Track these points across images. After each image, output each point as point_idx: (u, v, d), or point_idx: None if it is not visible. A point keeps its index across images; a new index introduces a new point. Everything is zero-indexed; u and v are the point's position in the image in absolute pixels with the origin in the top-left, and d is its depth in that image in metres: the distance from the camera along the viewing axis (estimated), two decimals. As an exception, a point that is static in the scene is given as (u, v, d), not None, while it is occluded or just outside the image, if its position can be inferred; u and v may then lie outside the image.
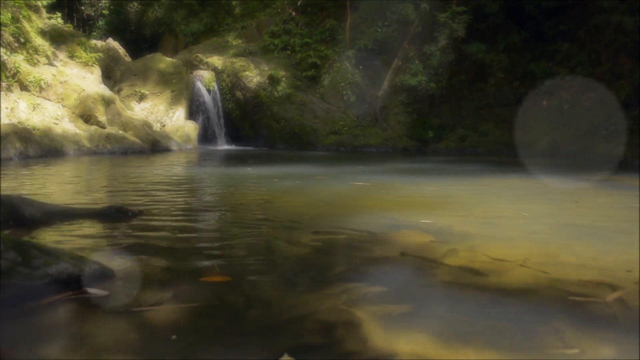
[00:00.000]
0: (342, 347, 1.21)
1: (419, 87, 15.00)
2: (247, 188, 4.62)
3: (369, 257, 2.06)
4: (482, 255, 2.09)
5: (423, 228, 2.68)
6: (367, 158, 10.25)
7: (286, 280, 1.72)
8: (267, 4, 18.14)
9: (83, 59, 12.26)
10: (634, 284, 1.74)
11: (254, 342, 1.23)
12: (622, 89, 12.22)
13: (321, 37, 16.41)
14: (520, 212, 3.29)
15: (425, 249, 2.22)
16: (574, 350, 1.22)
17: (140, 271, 1.79)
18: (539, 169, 7.64)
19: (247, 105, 14.55)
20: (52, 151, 9.09)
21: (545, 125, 13.25)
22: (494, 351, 1.21)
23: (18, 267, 1.40)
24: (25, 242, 1.55)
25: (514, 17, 14.70)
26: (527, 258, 2.06)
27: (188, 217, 3.00)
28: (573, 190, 4.83)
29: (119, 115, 11.38)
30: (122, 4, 25.58)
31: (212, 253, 2.10)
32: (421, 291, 1.65)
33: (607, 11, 12.86)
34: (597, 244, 2.40)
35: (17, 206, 2.54)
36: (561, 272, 1.89)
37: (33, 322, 1.32)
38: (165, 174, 5.97)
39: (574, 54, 13.66)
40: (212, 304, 1.49)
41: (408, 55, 15.68)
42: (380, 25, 16.03)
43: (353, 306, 1.48)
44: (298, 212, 3.20)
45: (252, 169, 6.91)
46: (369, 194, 4.23)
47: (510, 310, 1.49)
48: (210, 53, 15.80)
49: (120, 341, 1.21)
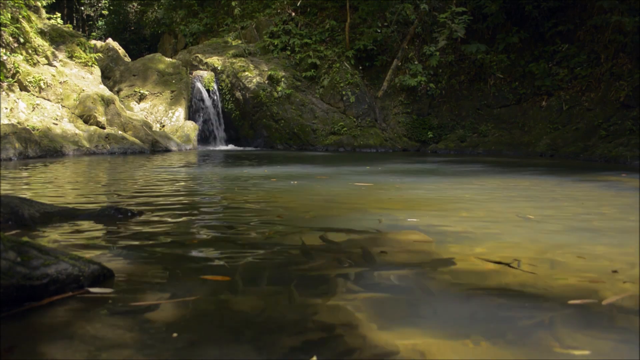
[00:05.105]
0: (342, 346, 1.21)
1: (418, 87, 15.02)
2: (246, 188, 4.62)
3: (368, 256, 2.06)
4: (481, 255, 2.10)
5: (422, 228, 2.68)
6: (366, 158, 10.26)
7: (286, 280, 1.72)
8: (266, 4, 18.14)
9: (82, 59, 12.25)
10: (634, 284, 1.74)
11: (254, 342, 1.23)
12: (622, 89, 12.23)
13: (321, 38, 16.41)
14: (520, 212, 3.29)
15: (425, 249, 2.22)
16: (580, 352, 1.21)
17: (140, 271, 1.79)
18: (538, 170, 7.64)
19: (246, 106, 14.55)
20: (51, 151, 9.09)
21: (545, 125, 13.26)
22: (493, 351, 1.21)
23: (17, 267, 1.40)
24: (24, 242, 1.55)
25: (514, 17, 14.70)
26: (527, 258, 2.06)
27: (188, 217, 3.00)
28: (573, 191, 4.83)
29: (119, 116, 11.38)
30: (122, 4, 25.60)
31: (212, 253, 2.10)
32: (421, 291, 1.65)
33: (606, 11, 12.88)
34: (597, 244, 2.39)
35: (16, 206, 2.53)
36: (561, 272, 1.89)
37: (33, 322, 1.31)
38: (164, 174, 5.96)
39: (574, 54, 13.67)
40: (212, 303, 1.49)
41: (407, 55, 15.68)
42: (380, 25, 16.03)
43: (352, 306, 1.48)
44: (298, 212, 3.20)
45: (252, 169, 6.91)
46: (369, 194, 4.23)
47: (510, 310, 1.48)
48: (210, 53, 15.80)
49: (120, 341, 1.21)
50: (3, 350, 1.13)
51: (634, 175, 6.72)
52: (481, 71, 14.93)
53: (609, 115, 12.01)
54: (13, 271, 1.38)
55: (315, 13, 17.35)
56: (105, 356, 1.12)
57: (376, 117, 15.10)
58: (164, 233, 2.47)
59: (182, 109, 13.48)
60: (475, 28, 14.92)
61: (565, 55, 13.81)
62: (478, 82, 15.02)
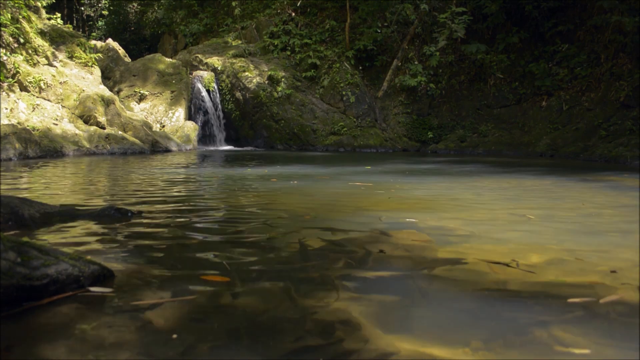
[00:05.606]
0: (342, 347, 1.21)
1: (418, 87, 15.02)
2: (246, 188, 4.62)
3: (368, 257, 2.06)
4: (480, 255, 2.10)
5: (422, 228, 2.68)
6: (366, 158, 10.26)
7: (286, 281, 1.72)
8: (266, 4, 18.15)
9: (82, 59, 12.26)
10: (633, 284, 1.74)
11: (254, 342, 1.23)
12: (622, 89, 12.23)
13: (321, 38, 16.41)
14: (520, 212, 3.29)
15: (425, 249, 2.22)
16: (580, 350, 1.21)
17: (140, 271, 1.79)
18: (538, 170, 7.64)
19: (246, 106, 14.56)
20: (51, 152, 9.09)
21: (545, 125, 13.26)
22: (493, 350, 1.21)
23: (17, 267, 1.40)
24: (24, 242, 1.55)
25: (514, 17, 14.71)
26: (527, 258, 2.06)
27: (187, 217, 3.00)
28: (572, 191, 4.84)
29: (119, 116, 11.38)
30: (122, 5, 25.61)
31: (212, 253, 2.10)
32: (420, 291, 1.65)
33: (606, 11, 12.88)
34: (597, 244, 2.40)
35: (16, 207, 2.54)
36: (561, 272, 1.89)
37: (33, 322, 1.31)
38: (164, 174, 5.96)
39: (574, 54, 13.67)
40: (212, 303, 1.49)
41: (407, 55, 15.68)
42: (380, 25, 16.04)
43: (352, 306, 1.48)
44: (298, 212, 3.20)
45: (252, 169, 6.91)
46: (369, 194, 4.23)
47: (510, 310, 1.48)
48: (210, 54, 15.80)
49: (120, 341, 1.21)
50: (3, 350, 1.13)
51: (635, 175, 6.72)
52: (481, 71, 14.93)
53: (609, 115, 12.01)
54: (13, 271, 1.38)
55: (315, 13, 17.35)
56: (105, 356, 1.13)
57: (376, 117, 15.10)
58: (164, 233, 2.47)
59: (182, 109, 13.48)
60: (475, 28, 14.92)
61: (565, 55, 13.81)
62: (478, 82, 15.02)
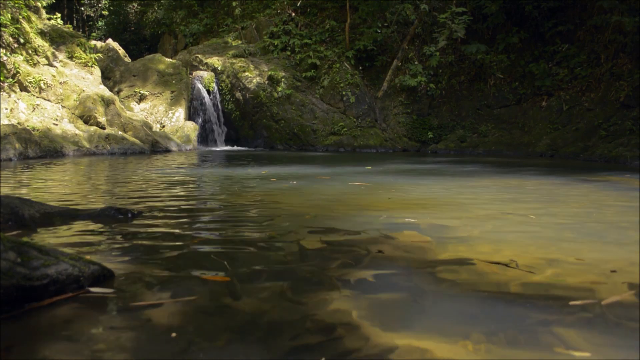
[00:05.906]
0: (342, 345, 1.21)
1: (418, 87, 15.02)
2: (246, 188, 4.62)
3: (368, 257, 2.06)
4: (480, 255, 2.10)
5: (422, 229, 2.68)
6: (366, 158, 10.26)
7: (286, 280, 1.72)
8: (266, 4, 18.15)
9: (83, 59, 12.26)
10: (633, 284, 1.74)
11: (254, 342, 1.23)
12: (622, 89, 12.23)
13: (321, 38, 16.42)
14: (520, 212, 3.29)
15: (424, 249, 2.22)
16: (581, 353, 1.22)
17: (140, 271, 1.79)
18: (538, 170, 7.64)
19: (246, 106, 14.56)
20: (51, 152, 9.09)
21: (545, 125, 13.26)
22: (493, 351, 1.21)
23: (17, 267, 1.40)
24: (24, 242, 1.55)
25: (514, 17, 14.71)
26: (527, 258, 2.06)
27: (187, 217, 3.00)
28: (572, 191, 4.83)
29: (119, 116, 11.38)
30: (122, 5, 25.61)
31: (212, 253, 2.10)
32: (420, 291, 1.65)
33: (606, 11, 12.88)
34: (597, 244, 2.40)
35: (16, 207, 2.54)
36: (561, 272, 1.89)
37: (33, 322, 1.31)
38: (164, 174, 5.97)
39: (574, 54, 13.67)
40: (212, 303, 1.49)
41: (407, 55, 15.68)
42: (380, 25, 16.04)
43: (352, 306, 1.48)
44: (298, 212, 3.20)
45: (252, 169, 6.91)
46: (369, 194, 4.23)
47: (509, 311, 1.49)
48: (210, 54, 15.81)
49: (120, 341, 1.21)
50: (3, 350, 1.14)
51: (635, 175, 6.72)
52: (481, 71, 14.93)
53: (609, 115, 12.01)
54: (13, 272, 1.38)
55: (315, 13, 17.35)
56: (105, 356, 1.13)
57: (376, 117, 15.10)
58: (164, 233, 2.47)
59: (182, 109, 13.48)
60: (475, 28, 14.92)
61: (565, 55, 13.81)
62: (478, 82, 15.02)
